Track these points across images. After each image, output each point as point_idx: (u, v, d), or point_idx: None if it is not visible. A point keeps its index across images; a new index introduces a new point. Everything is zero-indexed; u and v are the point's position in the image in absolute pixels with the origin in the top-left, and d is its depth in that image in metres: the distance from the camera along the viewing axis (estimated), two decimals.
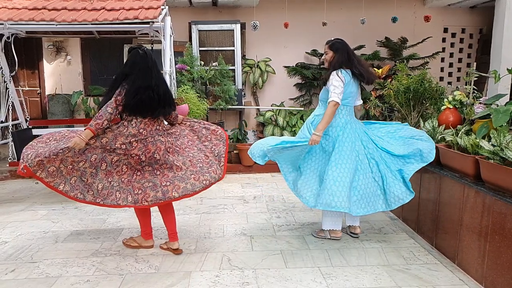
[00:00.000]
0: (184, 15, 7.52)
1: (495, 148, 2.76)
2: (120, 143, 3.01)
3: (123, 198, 3.01)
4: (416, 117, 4.40)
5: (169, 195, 3.00)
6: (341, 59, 3.42)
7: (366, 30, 7.50)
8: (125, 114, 3.06)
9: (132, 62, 3.09)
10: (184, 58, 6.63)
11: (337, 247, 3.49)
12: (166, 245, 3.43)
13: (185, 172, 3.12)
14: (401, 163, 3.41)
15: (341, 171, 3.25)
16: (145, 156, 3.04)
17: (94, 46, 7.72)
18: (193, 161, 3.21)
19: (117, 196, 3.02)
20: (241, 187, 5.64)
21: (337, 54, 3.44)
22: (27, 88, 7.73)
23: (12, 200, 5.06)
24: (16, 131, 5.53)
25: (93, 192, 3.05)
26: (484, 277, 2.76)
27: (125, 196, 3.02)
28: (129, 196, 3.01)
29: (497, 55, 6.19)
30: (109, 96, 3.03)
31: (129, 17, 4.85)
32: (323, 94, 3.50)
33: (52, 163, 2.98)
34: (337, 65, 3.41)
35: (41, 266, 3.16)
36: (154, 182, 3.03)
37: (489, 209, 2.71)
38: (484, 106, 3.39)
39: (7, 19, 4.77)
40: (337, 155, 3.32)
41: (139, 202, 2.99)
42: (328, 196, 3.20)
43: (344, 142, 3.36)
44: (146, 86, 3.03)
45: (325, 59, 3.54)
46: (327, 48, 3.52)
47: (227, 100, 6.84)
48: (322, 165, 3.42)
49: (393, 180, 3.35)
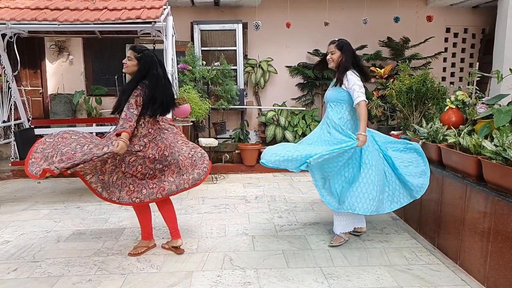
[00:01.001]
0: (186, 15, 7.52)
1: (498, 148, 2.75)
2: (137, 145, 3.02)
3: (137, 192, 3.09)
4: (418, 117, 4.40)
5: (181, 187, 3.21)
6: (350, 59, 3.43)
7: (368, 30, 7.50)
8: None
9: (150, 63, 3.08)
10: (186, 58, 6.64)
11: (339, 247, 3.49)
12: (168, 245, 3.44)
13: (186, 164, 3.31)
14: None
15: (373, 173, 3.26)
16: (158, 154, 3.10)
17: (96, 46, 7.73)
18: (185, 154, 3.40)
19: (131, 191, 3.09)
20: (242, 187, 5.64)
21: (345, 54, 3.43)
22: (30, 88, 7.75)
23: (14, 200, 5.07)
24: (19, 131, 5.54)
25: (109, 189, 3.05)
26: (486, 277, 2.75)
27: (140, 189, 3.09)
28: (143, 190, 3.09)
29: (500, 55, 6.17)
30: (125, 97, 3.00)
31: (131, 17, 4.86)
32: (336, 95, 3.43)
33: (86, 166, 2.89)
34: (348, 65, 3.41)
35: (43, 266, 3.17)
36: (167, 176, 3.20)
37: (491, 209, 2.70)
38: (486, 106, 3.38)
39: (9, 18, 4.79)
40: (367, 158, 3.31)
41: (154, 195, 3.10)
42: (355, 199, 3.23)
43: (368, 144, 3.35)
44: (162, 86, 3.09)
45: (332, 58, 3.47)
46: (334, 48, 3.46)
47: (229, 100, 6.84)
48: (348, 168, 3.39)
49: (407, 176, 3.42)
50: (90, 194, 5.22)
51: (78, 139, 3.02)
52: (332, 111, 3.46)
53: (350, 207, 3.23)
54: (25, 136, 5.55)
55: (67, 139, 3.00)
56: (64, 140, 3.00)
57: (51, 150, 2.92)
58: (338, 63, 3.45)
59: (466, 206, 3.01)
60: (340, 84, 3.40)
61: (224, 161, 6.78)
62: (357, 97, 3.25)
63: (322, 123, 3.57)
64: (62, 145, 2.94)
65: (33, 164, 2.89)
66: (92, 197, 5.08)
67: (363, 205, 3.19)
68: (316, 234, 3.80)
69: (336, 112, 3.42)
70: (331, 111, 3.46)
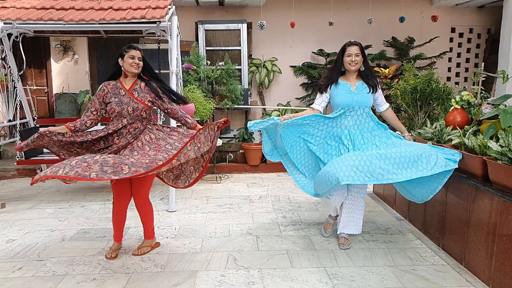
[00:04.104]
0: (191, 15, 7.54)
1: (503, 149, 2.73)
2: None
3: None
4: (423, 117, 4.38)
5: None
6: (368, 62, 3.50)
7: (373, 30, 7.49)
8: None
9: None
10: (190, 58, 6.64)
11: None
12: (140, 250, 3.40)
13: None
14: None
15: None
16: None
17: (101, 46, 7.77)
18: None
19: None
20: (247, 187, 5.64)
21: (364, 58, 3.45)
22: (35, 87, 7.80)
23: (19, 199, 5.10)
24: (24, 130, 5.56)
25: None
26: (491, 278, 2.74)
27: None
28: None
29: (505, 55, 6.14)
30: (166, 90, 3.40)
31: (136, 17, 4.88)
32: (370, 99, 3.46)
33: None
34: (370, 70, 3.50)
35: (48, 264, 3.18)
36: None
37: (496, 210, 2.69)
38: (492, 106, 3.36)
39: (15, 18, 4.81)
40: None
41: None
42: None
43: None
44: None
45: (356, 61, 3.39)
46: (358, 50, 3.39)
47: (233, 100, 6.84)
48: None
49: None
50: (94, 193, 5.25)
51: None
52: (368, 115, 3.44)
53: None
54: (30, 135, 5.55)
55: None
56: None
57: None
58: (360, 66, 3.46)
59: (471, 207, 2.99)
60: (375, 90, 3.46)
61: (228, 160, 6.78)
62: (386, 102, 3.47)
63: (355, 130, 3.41)
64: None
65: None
66: (97, 196, 5.10)
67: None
68: (320, 234, 3.79)
69: (369, 116, 3.44)
70: (368, 115, 3.44)
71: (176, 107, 3.37)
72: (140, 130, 3.22)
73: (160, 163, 2.74)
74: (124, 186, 3.23)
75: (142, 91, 3.25)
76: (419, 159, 3.01)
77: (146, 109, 3.22)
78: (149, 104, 3.24)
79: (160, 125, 3.39)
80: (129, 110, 3.16)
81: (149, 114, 3.31)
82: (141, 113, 3.20)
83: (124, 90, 3.22)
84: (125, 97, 3.19)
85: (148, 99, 3.24)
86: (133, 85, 3.25)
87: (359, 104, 3.39)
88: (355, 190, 3.45)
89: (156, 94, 3.27)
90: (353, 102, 3.39)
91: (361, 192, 3.48)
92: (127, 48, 3.22)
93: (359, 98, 3.40)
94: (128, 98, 3.18)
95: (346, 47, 3.43)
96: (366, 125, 3.41)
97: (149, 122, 3.30)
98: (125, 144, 3.17)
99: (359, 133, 3.39)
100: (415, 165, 3.00)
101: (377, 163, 2.93)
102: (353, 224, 3.52)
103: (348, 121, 3.42)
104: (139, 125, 3.22)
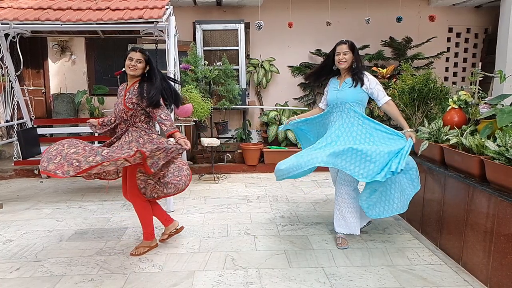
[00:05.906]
0: (189, 15, 7.53)
1: (501, 148, 2.74)
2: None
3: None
4: (420, 117, 4.38)
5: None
6: (360, 59, 3.52)
7: (371, 30, 7.49)
8: None
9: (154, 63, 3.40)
10: (188, 58, 6.64)
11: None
12: (167, 234, 3.55)
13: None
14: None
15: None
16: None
17: (98, 46, 7.75)
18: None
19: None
20: (245, 187, 5.64)
21: (355, 56, 3.48)
22: (32, 88, 7.78)
23: (17, 199, 5.09)
24: (21, 130, 5.56)
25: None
26: (489, 278, 2.75)
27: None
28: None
29: (503, 55, 6.15)
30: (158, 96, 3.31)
31: (133, 17, 4.87)
32: (356, 95, 3.44)
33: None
34: (362, 67, 3.51)
35: (45, 265, 3.18)
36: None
37: (494, 209, 2.69)
38: (489, 106, 3.37)
39: (12, 18, 4.80)
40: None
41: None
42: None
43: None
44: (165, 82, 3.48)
45: (345, 59, 3.45)
46: (347, 48, 3.45)
47: (231, 100, 6.84)
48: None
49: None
50: (92, 194, 5.24)
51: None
52: (350, 111, 3.45)
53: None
54: (28, 135, 5.57)
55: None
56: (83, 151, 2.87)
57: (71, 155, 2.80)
58: (351, 64, 3.49)
59: (468, 207, 3.00)
60: (361, 84, 3.44)
61: (226, 161, 6.78)
62: (385, 96, 3.43)
63: (336, 123, 3.51)
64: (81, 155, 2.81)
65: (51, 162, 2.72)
66: (95, 197, 5.09)
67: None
68: (318, 234, 3.79)
69: (354, 111, 3.44)
70: (350, 110, 3.45)
71: (156, 111, 3.20)
72: (123, 131, 3.34)
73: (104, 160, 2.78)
74: (124, 186, 3.43)
75: (132, 93, 3.24)
76: (369, 160, 3.12)
77: (127, 111, 3.22)
78: (130, 106, 3.19)
79: (145, 130, 3.28)
80: (116, 111, 3.30)
81: (133, 116, 3.24)
82: (122, 114, 3.24)
83: (123, 92, 3.30)
84: (120, 98, 3.30)
85: (133, 101, 3.19)
86: (131, 86, 3.27)
87: (341, 101, 3.50)
88: (340, 182, 3.52)
89: (139, 95, 3.18)
90: (336, 99, 3.53)
91: (346, 186, 3.49)
92: (130, 49, 3.30)
93: (341, 94, 3.50)
94: (120, 99, 3.29)
95: (336, 46, 3.54)
96: (351, 120, 3.44)
97: (133, 125, 3.28)
98: (113, 142, 3.39)
99: (341, 127, 3.46)
100: (362, 162, 3.13)
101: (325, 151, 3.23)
102: (344, 224, 3.53)
103: (333, 116, 3.57)
104: (123, 126, 3.34)
